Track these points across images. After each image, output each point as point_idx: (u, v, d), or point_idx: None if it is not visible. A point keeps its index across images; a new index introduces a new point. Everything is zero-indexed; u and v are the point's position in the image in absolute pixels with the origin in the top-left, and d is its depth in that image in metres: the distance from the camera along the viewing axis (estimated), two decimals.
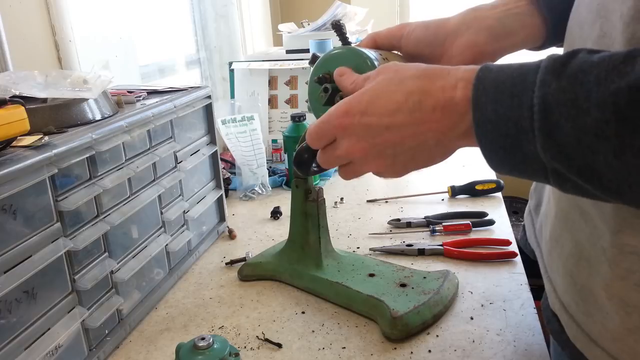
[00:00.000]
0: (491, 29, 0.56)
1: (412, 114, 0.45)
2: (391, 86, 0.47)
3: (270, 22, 2.00)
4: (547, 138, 0.37)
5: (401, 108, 0.45)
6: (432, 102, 0.44)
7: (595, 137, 0.35)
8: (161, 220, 0.83)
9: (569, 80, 0.36)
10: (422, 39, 0.60)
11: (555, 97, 0.36)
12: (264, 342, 0.71)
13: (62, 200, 0.61)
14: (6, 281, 0.53)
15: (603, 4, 0.44)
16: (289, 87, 1.51)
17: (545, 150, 0.38)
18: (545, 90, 0.37)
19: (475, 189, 1.14)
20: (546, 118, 0.37)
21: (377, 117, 0.47)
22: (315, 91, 0.60)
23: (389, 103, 0.46)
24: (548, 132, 0.37)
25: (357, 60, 0.58)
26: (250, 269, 0.88)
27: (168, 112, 0.82)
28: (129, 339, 0.74)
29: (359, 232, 1.02)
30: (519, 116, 0.38)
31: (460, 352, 0.66)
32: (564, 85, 0.36)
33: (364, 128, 0.47)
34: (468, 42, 0.56)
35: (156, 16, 1.47)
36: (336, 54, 0.60)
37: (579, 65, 0.36)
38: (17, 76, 0.66)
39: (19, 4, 0.88)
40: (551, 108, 0.37)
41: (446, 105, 0.43)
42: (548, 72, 0.37)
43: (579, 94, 0.35)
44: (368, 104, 0.47)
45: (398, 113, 0.46)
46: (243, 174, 1.25)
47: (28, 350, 0.57)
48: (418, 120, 0.45)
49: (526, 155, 0.39)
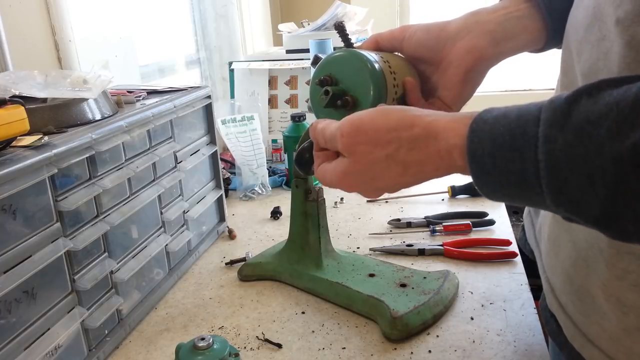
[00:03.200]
0: (492, 33, 0.56)
1: (416, 176, 0.47)
2: (380, 164, 0.48)
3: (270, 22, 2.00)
4: (558, 194, 0.36)
5: (404, 178, 0.48)
6: (432, 167, 0.46)
7: (614, 189, 0.34)
8: (161, 220, 0.83)
9: (575, 133, 0.35)
10: (423, 42, 0.60)
11: (563, 153, 0.35)
12: (264, 343, 0.71)
13: (62, 200, 0.61)
14: (6, 281, 0.53)
15: (599, 7, 0.44)
16: (289, 87, 1.51)
17: (557, 205, 0.37)
18: (551, 147, 0.36)
19: (475, 189, 1.14)
20: (555, 175, 0.36)
21: (386, 181, 0.49)
22: (316, 93, 0.60)
23: (389, 178, 0.48)
24: (558, 189, 0.36)
25: (358, 63, 0.58)
26: (250, 269, 0.88)
27: (168, 112, 0.82)
28: (129, 339, 0.74)
29: (359, 232, 1.02)
30: (523, 169, 0.37)
31: (460, 352, 0.66)
32: (571, 139, 0.35)
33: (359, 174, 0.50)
34: (469, 45, 0.56)
35: (156, 16, 1.47)
36: (338, 56, 0.59)
37: (585, 115, 0.35)
38: (17, 76, 0.66)
39: (18, 4, 0.88)
40: (560, 164, 0.35)
41: (448, 167, 0.45)
42: (551, 125, 0.36)
43: (589, 149, 0.34)
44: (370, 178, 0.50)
45: (401, 177, 0.48)
46: (243, 174, 1.25)
47: (28, 351, 0.56)
48: (421, 179, 0.48)
49: (534, 203, 0.39)
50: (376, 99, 0.56)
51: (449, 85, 0.58)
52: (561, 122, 0.36)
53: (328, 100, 0.57)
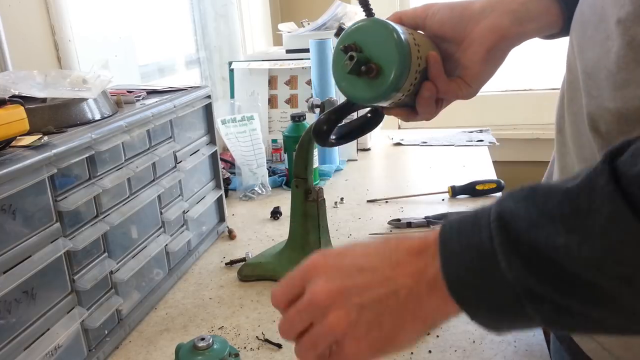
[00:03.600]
0: (515, 12, 0.57)
1: (387, 253, 0.43)
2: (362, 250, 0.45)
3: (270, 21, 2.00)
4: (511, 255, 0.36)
5: (377, 251, 0.44)
6: (407, 245, 0.43)
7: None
8: (161, 220, 0.83)
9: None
10: (446, 20, 0.60)
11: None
12: (263, 343, 0.71)
13: (62, 200, 0.61)
14: (6, 281, 0.53)
15: (603, 6, 0.45)
16: (288, 87, 1.51)
17: (510, 267, 0.36)
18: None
19: (475, 189, 1.14)
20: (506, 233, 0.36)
21: (350, 255, 0.45)
22: (339, 60, 0.58)
23: (364, 249, 0.45)
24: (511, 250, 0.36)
25: (384, 31, 0.56)
26: (250, 269, 0.88)
27: (168, 112, 0.82)
28: (129, 340, 0.74)
29: (359, 232, 1.02)
30: (479, 241, 0.37)
31: (460, 352, 0.66)
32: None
33: (335, 268, 0.44)
34: (492, 24, 0.57)
35: (156, 16, 1.47)
36: (363, 25, 0.58)
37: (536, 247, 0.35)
38: (17, 76, 0.66)
39: (18, 4, 0.88)
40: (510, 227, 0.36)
41: (420, 248, 0.42)
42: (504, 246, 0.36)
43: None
44: (342, 250, 0.46)
45: (372, 252, 0.44)
46: (243, 174, 1.25)
47: (27, 351, 0.56)
48: (393, 262, 0.42)
49: (494, 281, 0.36)
50: (401, 68, 0.55)
51: (471, 63, 0.59)
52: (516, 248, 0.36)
53: (352, 66, 0.56)
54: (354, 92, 0.59)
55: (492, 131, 1.68)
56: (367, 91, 0.57)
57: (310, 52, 1.35)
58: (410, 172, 1.39)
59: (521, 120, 1.95)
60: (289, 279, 0.47)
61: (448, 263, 0.38)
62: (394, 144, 1.63)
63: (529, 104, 1.95)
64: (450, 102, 0.64)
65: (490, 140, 1.56)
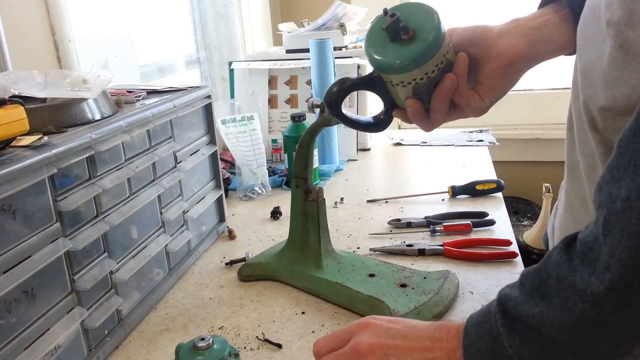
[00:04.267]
0: (529, 37, 0.61)
1: (432, 329, 0.51)
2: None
3: (270, 21, 2.00)
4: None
5: (425, 326, 0.52)
6: (448, 327, 0.50)
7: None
8: (161, 220, 0.83)
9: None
10: (469, 36, 0.64)
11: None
12: (263, 343, 0.71)
13: (62, 200, 0.61)
14: (6, 281, 0.53)
15: (598, 9, 0.47)
16: (288, 87, 1.51)
17: (510, 344, 0.43)
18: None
19: (475, 189, 1.14)
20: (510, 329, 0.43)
21: (401, 324, 0.53)
22: (378, 24, 0.61)
23: (413, 322, 0.53)
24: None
25: (427, 8, 0.60)
26: (250, 269, 0.88)
27: (168, 112, 0.82)
28: (129, 340, 0.74)
29: (359, 232, 1.02)
30: (490, 327, 0.45)
31: None
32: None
33: (384, 329, 0.52)
34: (509, 44, 0.62)
35: (156, 16, 1.47)
36: (408, 3, 0.61)
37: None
38: (17, 76, 0.66)
39: (18, 4, 0.88)
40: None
41: (458, 331, 0.49)
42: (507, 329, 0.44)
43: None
44: (393, 318, 0.55)
45: (420, 326, 0.52)
46: (243, 174, 1.25)
47: (27, 351, 0.56)
48: (434, 337, 0.50)
49: (502, 358, 0.44)
50: (434, 40, 0.59)
51: (486, 79, 0.63)
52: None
53: (392, 23, 0.59)
54: (384, 55, 0.61)
55: (492, 131, 1.68)
56: (396, 55, 0.60)
57: (310, 52, 1.35)
58: (410, 172, 1.40)
59: (521, 120, 1.95)
60: (337, 332, 0.55)
61: (469, 349, 0.46)
62: (394, 144, 1.63)
63: (529, 104, 1.95)
64: (459, 117, 0.67)
65: (490, 140, 1.56)
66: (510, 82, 0.64)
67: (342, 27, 1.50)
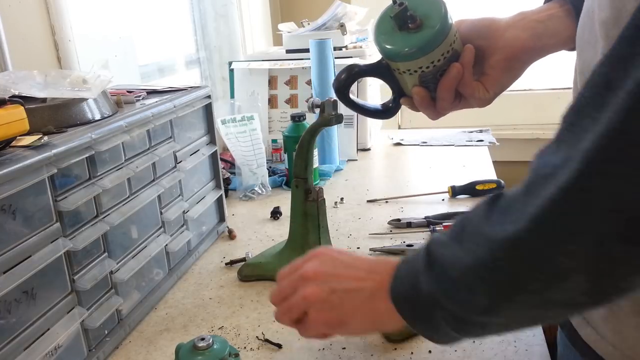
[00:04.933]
0: (534, 30, 0.62)
1: (373, 263, 0.55)
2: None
3: (270, 21, 2.00)
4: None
5: (367, 260, 0.56)
6: (387, 262, 0.53)
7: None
8: (161, 220, 0.83)
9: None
10: (476, 27, 0.65)
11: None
12: (263, 343, 0.71)
13: (62, 200, 0.61)
14: (6, 281, 0.53)
15: (593, 10, 0.48)
16: (288, 87, 1.51)
17: (426, 282, 0.46)
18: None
19: (475, 189, 1.14)
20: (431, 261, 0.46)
21: (348, 256, 0.57)
22: (385, 15, 0.62)
23: (359, 256, 0.57)
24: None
25: (435, 4, 0.61)
26: (250, 269, 0.88)
27: (168, 112, 0.82)
28: (129, 340, 0.74)
29: (359, 232, 1.02)
30: (415, 266, 0.48)
31: (460, 352, 0.66)
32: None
33: (332, 259, 0.56)
34: (513, 36, 0.63)
35: (156, 16, 1.47)
36: None
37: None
38: (17, 76, 0.66)
39: (18, 4, 0.88)
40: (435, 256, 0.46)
41: (393, 267, 0.52)
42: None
43: None
44: (343, 250, 0.59)
45: (365, 259, 0.56)
46: (243, 174, 1.25)
47: (27, 351, 0.56)
48: (371, 269, 0.54)
49: (419, 296, 0.46)
50: (440, 30, 0.60)
51: (491, 70, 0.64)
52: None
53: (399, 11, 0.60)
54: (391, 43, 0.62)
55: (492, 131, 1.68)
56: (403, 43, 0.61)
57: (310, 52, 1.35)
58: (410, 172, 1.40)
59: (521, 120, 1.95)
60: (295, 261, 0.59)
61: (394, 282, 0.49)
62: (394, 144, 1.63)
63: (529, 104, 1.95)
64: (465, 107, 0.68)
65: (490, 140, 1.56)
66: (515, 75, 0.65)
67: (342, 27, 1.50)
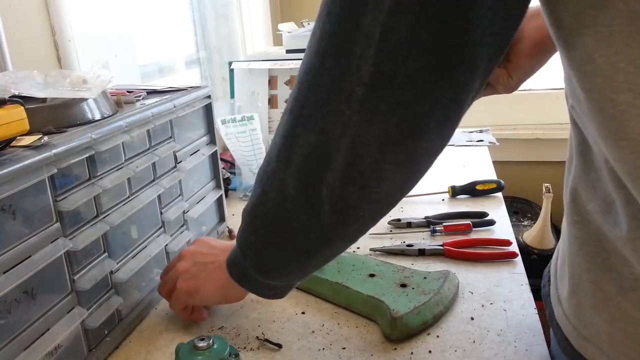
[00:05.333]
0: None
1: (229, 244, 0.69)
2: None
3: (270, 21, 2.00)
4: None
5: (228, 243, 0.73)
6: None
7: None
8: (161, 220, 0.83)
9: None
10: None
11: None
12: (263, 343, 0.71)
13: (62, 201, 0.61)
14: (6, 281, 0.53)
15: None
16: (289, 87, 1.51)
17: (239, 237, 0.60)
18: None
19: (475, 189, 1.14)
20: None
21: (213, 241, 0.75)
22: None
23: (224, 241, 0.76)
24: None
25: None
26: None
27: (168, 112, 0.82)
28: (129, 340, 0.74)
29: None
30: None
31: (460, 352, 0.66)
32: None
33: (194, 254, 0.72)
34: (539, 24, 0.64)
35: (156, 16, 1.47)
36: None
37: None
38: (17, 76, 0.66)
39: (18, 4, 0.88)
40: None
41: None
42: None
43: None
44: (212, 238, 0.78)
45: (225, 243, 0.74)
46: (243, 174, 1.25)
47: (27, 351, 0.56)
48: (226, 248, 0.68)
49: (238, 255, 0.61)
50: None
51: (515, 57, 0.66)
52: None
53: None
54: None
55: (492, 131, 1.68)
56: None
57: None
58: None
59: (521, 120, 1.95)
60: (170, 263, 0.76)
61: (230, 253, 0.64)
62: None
63: (529, 104, 1.95)
64: (491, 93, 0.71)
65: (490, 140, 1.56)
66: (539, 62, 0.67)
67: None
